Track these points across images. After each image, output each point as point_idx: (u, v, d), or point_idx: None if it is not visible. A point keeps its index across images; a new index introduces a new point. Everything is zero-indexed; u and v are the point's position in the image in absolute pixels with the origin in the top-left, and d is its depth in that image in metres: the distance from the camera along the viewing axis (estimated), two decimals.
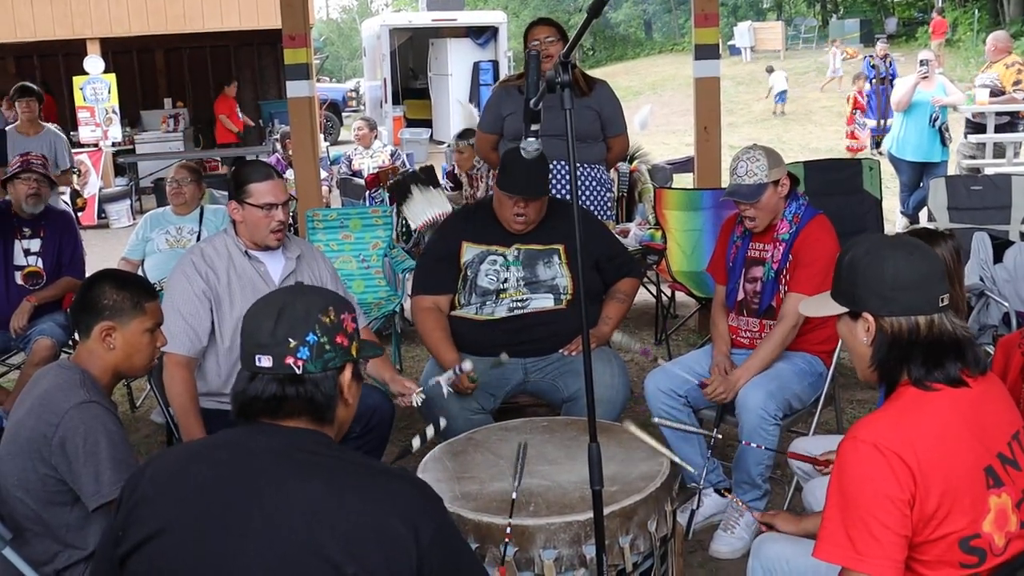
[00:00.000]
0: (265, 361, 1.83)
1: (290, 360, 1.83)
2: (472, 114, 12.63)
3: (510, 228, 3.78)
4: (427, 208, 6.99)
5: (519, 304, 3.76)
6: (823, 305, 2.17)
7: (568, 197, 4.53)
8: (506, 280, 3.77)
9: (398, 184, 7.30)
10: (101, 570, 1.90)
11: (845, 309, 2.10)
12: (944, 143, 8.44)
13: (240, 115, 14.90)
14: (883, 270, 2.01)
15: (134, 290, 2.68)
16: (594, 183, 4.78)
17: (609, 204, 4.96)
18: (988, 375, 2.03)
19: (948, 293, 2.00)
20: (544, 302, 3.76)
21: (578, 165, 4.64)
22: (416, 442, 2.77)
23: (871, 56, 14.01)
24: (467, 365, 3.36)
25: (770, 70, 22.94)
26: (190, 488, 1.78)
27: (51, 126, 7.74)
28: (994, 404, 2.02)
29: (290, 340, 1.83)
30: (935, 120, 8.30)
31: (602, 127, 4.75)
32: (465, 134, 8.05)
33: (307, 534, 1.68)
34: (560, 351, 3.75)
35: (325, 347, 1.85)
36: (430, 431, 2.80)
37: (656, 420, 2.95)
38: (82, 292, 2.69)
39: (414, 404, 3.36)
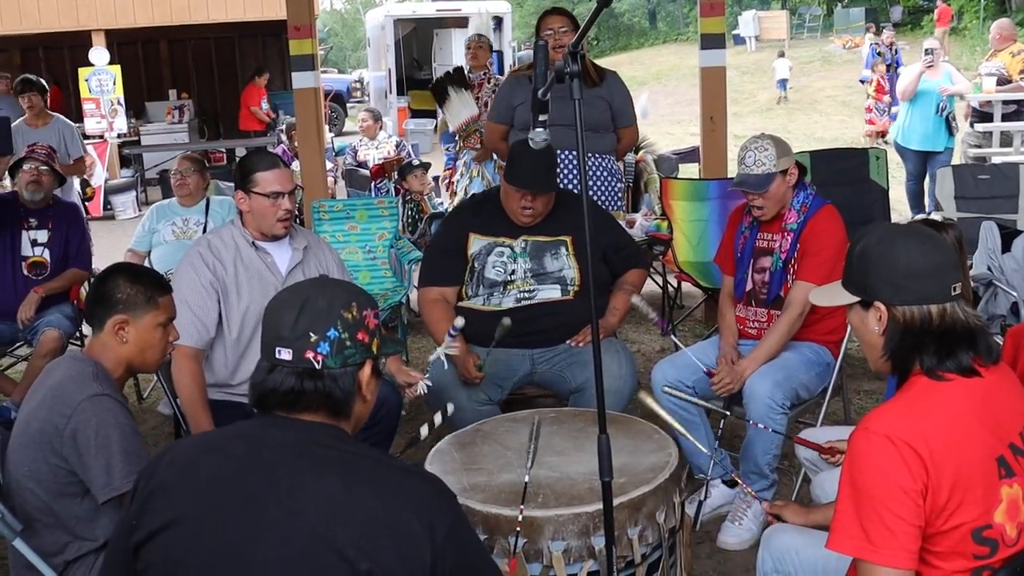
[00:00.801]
0: (285, 354, 1.83)
1: (310, 354, 1.82)
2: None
3: (517, 221, 3.77)
4: (462, 109, 7.04)
5: (526, 295, 3.76)
6: (834, 294, 2.16)
7: (577, 187, 4.52)
8: (513, 272, 3.77)
9: (439, 83, 7.37)
10: (115, 560, 1.90)
11: (856, 298, 2.08)
12: (951, 132, 8.43)
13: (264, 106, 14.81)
14: (895, 259, 1.99)
15: (148, 284, 2.68)
16: (605, 173, 4.77)
17: (620, 195, 4.95)
18: (1000, 365, 2.03)
19: (961, 282, 1.99)
20: (551, 293, 3.76)
21: (588, 155, 4.63)
22: (424, 430, 2.76)
23: (876, 43, 13.88)
24: (459, 322, 3.35)
25: (781, 54, 22.95)
26: (205, 479, 1.79)
27: (59, 116, 7.73)
28: (1006, 394, 2.02)
29: (311, 334, 1.82)
30: (942, 109, 8.29)
31: (612, 118, 4.74)
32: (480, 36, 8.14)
33: (322, 528, 1.68)
34: (567, 342, 3.75)
35: (346, 343, 1.84)
36: (438, 418, 2.79)
37: (666, 388, 2.95)
38: (96, 285, 2.69)
39: (421, 392, 3.35)
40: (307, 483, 1.73)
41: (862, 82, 14.75)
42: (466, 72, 7.63)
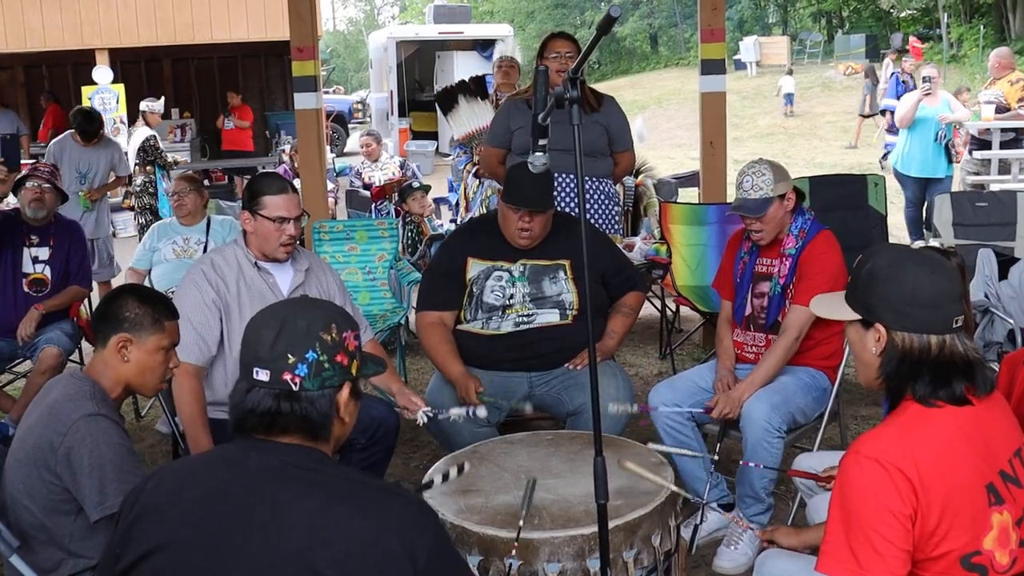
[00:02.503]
0: (262, 375, 1.82)
1: (287, 376, 1.81)
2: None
3: (515, 243, 3.78)
4: (471, 119, 6.97)
5: (525, 319, 3.77)
6: (836, 308, 2.16)
7: (575, 210, 4.53)
8: (512, 296, 3.78)
9: (446, 92, 7.23)
10: None
11: (858, 316, 2.09)
12: (950, 159, 8.46)
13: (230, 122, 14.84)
14: (903, 284, 2.00)
15: (156, 307, 2.70)
16: (602, 197, 4.78)
17: (617, 218, 4.96)
18: (991, 393, 2.04)
19: (963, 314, 2.00)
20: (550, 317, 3.77)
21: (585, 179, 4.64)
22: (438, 479, 2.69)
23: (900, 70, 13.56)
24: (482, 412, 3.33)
25: (789, 72, 23.12)
26: (188, 504, 1.79)
27: (110, 139, 7.82)
28: (996, 422, 2.03)
29: (289, 356, 1.81)
30: (941, 137, 8.33)
31: (609, 142, 4.75)
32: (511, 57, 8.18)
33: (303, 550, 1.68)
34: (566, 365, 3.76)
35: (324, 365, 1.83)
36: (453, 472, 2.73)
37: (651, 446, 2.95)
38: (105, 302, 2.71)
39: (420, 421, 3.35)
40: (288, 505, 1.73)
41: (883, 113, 14.13)
42: (492, 92, 7.62)
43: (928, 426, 1.94)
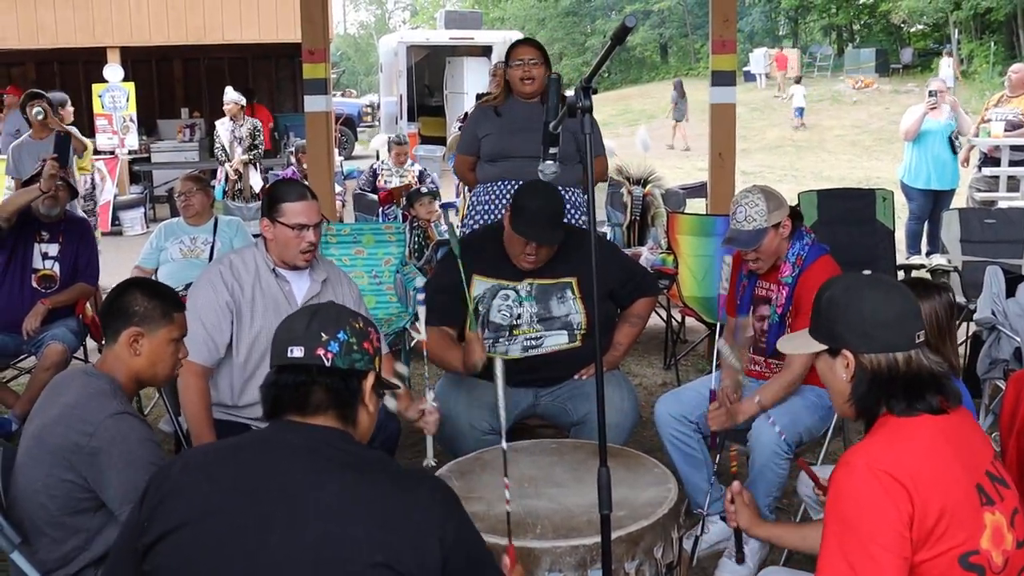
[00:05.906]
0: (297, 351, 1.93)
1: (320, 351, 1.92)
2: None
3: (519, 265, 3.70)
4: None
5: (533, 343, 3.74)
6: (803, 343, 2.20)
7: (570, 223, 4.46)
8: (519, 316, 3.72)
9: None
10: (121, 560, 1.93)
11: (824, 347, 2.13)
12: (955, 150, 8.44)
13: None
14: (862, 308, 2.05)
15: (164, 300, 2.73)
16: (569, 207, 4.57)
17: (583, 228, 4.86)
18: (960, 408, 2.07)
19: (924, 330, 2.05)
20: (559, 338, 3.74)
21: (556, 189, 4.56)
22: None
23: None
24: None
25: (798, 80, 23.07)
26: (218, 483, 1.83)
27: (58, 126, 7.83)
28: (969, 430, 2.07)
29: (322, 334, 1.94)
30: (955, 136, 8.34)
31: (577, 148, 4.61)
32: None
33: (333, 530, 1.73)
34: (573, 376, 3.76)
35: (353, 347, 1.95)
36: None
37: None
38: (113, 297, 2.73)
39: (430, 408, 3.20)
40: (318, 482, 1.78)
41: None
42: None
43: (912, 431, 1.97)
